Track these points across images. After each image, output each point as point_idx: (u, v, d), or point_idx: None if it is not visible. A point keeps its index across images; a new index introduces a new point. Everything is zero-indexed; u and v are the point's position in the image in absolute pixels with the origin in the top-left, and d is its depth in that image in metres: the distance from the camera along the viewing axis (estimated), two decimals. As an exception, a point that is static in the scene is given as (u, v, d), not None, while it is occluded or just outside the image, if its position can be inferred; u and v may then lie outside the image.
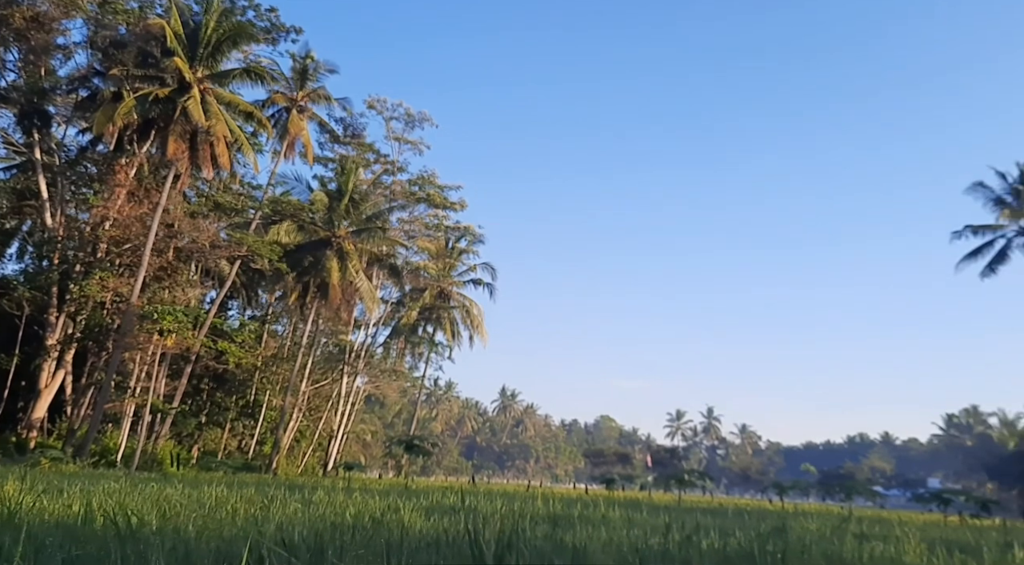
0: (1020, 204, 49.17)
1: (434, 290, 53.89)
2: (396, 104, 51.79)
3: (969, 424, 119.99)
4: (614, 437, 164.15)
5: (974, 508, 24.96)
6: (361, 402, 55.71)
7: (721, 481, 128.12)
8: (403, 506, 11.25)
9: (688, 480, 33.65)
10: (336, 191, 43.58)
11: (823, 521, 14.47)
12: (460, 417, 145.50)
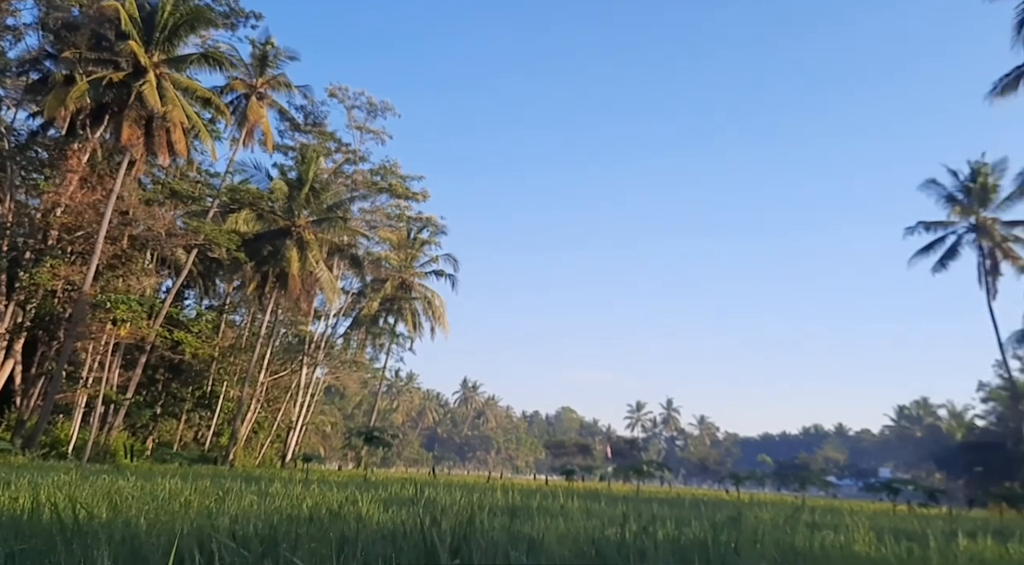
0: (970, 201, 50.41)
1: (396, 281, 53.56)
2: (358, 93, 51.34)
3: (919, 416, 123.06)
4: (575, 428, 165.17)
5: (922, 497, 25.62)
6: (321, 393, 55.27)
7: (680, 471, 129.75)
8: (361, 498, 11.18)
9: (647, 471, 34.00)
10: (296, 180, 43.05)
11: (777, 511, 14.71)
12: (421, 408, 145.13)
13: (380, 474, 37.98)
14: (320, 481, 19.33)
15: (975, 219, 50.34)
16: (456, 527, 6.71)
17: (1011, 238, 49.52)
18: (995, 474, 52.07)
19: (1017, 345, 49.73)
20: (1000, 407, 68.86)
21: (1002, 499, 24.21)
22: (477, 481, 31.90)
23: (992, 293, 49.41)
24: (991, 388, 73.19)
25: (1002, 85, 26.14)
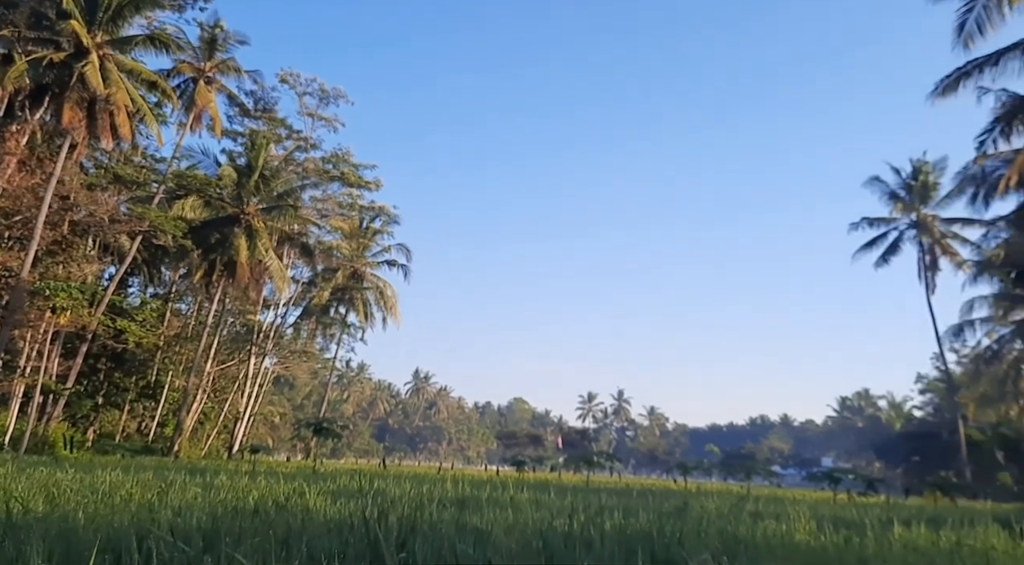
0: (912, 199, 51.86)
1: (347, 270, 53.03)
2: (310, 79, 50.57)
3: (861, 407, 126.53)
4: (527, 419, 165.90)
5: (862, 486, 26.36)
6: (269, 383, 54.55)
7: (629, 462, 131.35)
8: (309, 490, 11.08)
9: (597, 461, 34.34)
10: (245, 166, 42.27)
11: (723, 500, 15.00)
12: (372, 399, 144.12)
13: (329, 465, 37.68)
14: (267, 473, 19.10)
15: (916, 216, 51.81)
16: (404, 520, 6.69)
17: (949, 235, 51.09)
18: (931, 463, 53.90)
19: (953, 338, 51.31)
20: (937, 398, 71.21)
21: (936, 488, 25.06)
22: (428, 472, 31.87)
23: (931, 288, 50.95)
24: (929, 380, 75.67)
25: (943, 86, 26.85)
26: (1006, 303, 42.85)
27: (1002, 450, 52.16)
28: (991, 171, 34.85)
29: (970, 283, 43.39)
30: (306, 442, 59.20)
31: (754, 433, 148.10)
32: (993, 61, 25.77)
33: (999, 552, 7.05)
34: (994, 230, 39.96)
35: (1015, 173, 27.73)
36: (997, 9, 23.67)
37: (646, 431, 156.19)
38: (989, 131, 28.44)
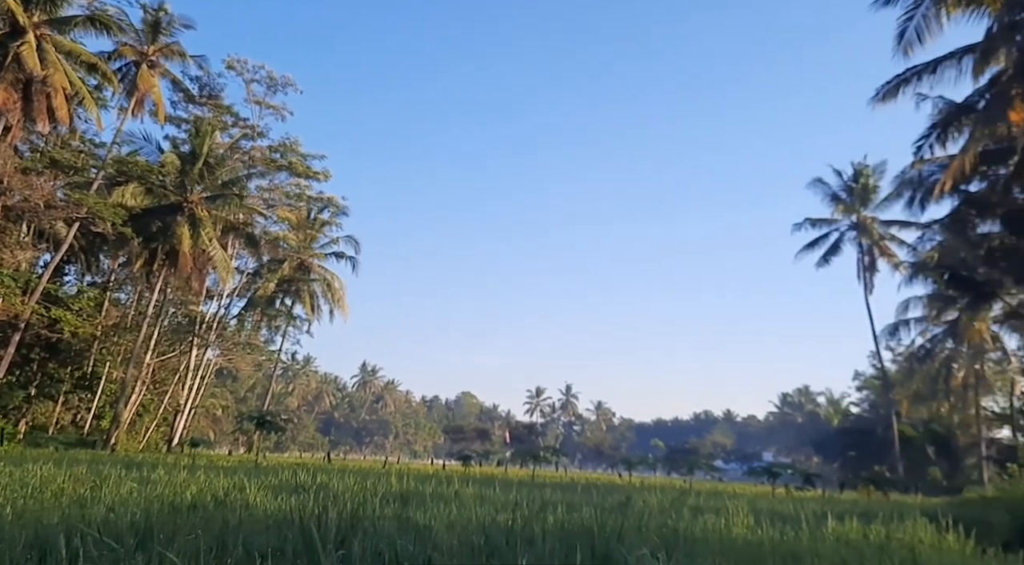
0: (852, 201, 53.24)
1: (294, 262, 52.25)
2: (258, 66, 49.59)
3: (801, 403, 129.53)
4: (475, 413, 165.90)
5: (800, 481, 27.03)
6: (212, 375, 53.48)
7: (576, 456, 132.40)
8: (250, 485, 10.92)
9: (543, 456, 34.51)
10: (189, 154, 41.28)
11: (665, 495, 15.21)
12: (318, 392, 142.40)
13: (272, 459, 37.15)
14: (208, 467, 18.75)
15: (856, 218, 53.21)
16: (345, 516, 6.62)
17: (887, 236, 52.62)
18: (866, 458, 55.48)
19: (889, 337, 52.91)
20: (873, 395, 73.28)
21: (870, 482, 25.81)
22: (373, 466, 31.65)
23: (869, 288, 52.41)
24: (866, 377, 77.82)
25: (883, 92, 27.56)
26: (939, 304, 44.30)
27: (933, 446, 54.03)
28: (927, 176, 35.91)
29: (906, 284, 44.72)
30: (249, 435, 58.29)
31: (698, 428, 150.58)
32: (931, 69, 26.53)
33: (925, 545, 7.30)
34: (929, 233, 41.19)
35: (949, 178, 28.60)
36: (935, 19, 24.38)
37: (593, 426, 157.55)
38: (926, 137, 29.29)
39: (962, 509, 13.68)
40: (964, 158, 27.05)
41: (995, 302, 36.46)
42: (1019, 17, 22.06)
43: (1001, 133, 26.97)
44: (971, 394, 51.04)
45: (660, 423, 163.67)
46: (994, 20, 23.51)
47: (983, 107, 26.09)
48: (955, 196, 33.08)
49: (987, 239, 33.10)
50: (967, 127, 27.84)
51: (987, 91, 26.07)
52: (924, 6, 24.24)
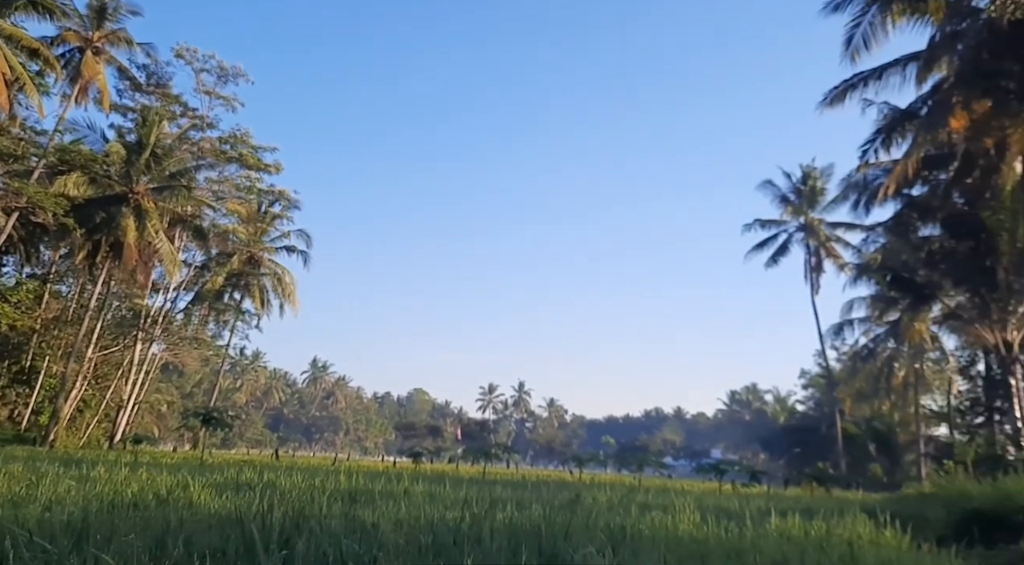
0: (801, 202, 54.38)
1: (243, 255, 51.36)
2: (208, 55, 48.53)
3: (749, 400, 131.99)
4: (427, 410, 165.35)
5: (746, 477, 27.52)
6: (156, 371, 52.31)
7: (528, 453, 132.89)
8: (194, 483, 10.68)
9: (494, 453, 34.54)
10: (136, 144, 40.26)
11: (614, 492, 15.33)
12: (267, 388, 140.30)
13: (219, 456, 36.52)
14: (151, 464, 18.35)
15: (804, 219, 54.36)
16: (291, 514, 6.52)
17: (834, 238, 53.88)
18: (811, 455, 56.76)
19: (834, 337, 54.22)
20: (818, 393, 75.01)
21: (813, 479, 26.42)
22: (322, 463, 31.30)
23: (816, 288, 53.63)
24: (811, 376, 79.60)
25: (831, 97, 28.17)
26: (882, 304, 45.48)
27: (874, 443, 55.54)
28: (872, 179, 36.87)
29: (850, 285, 45.87)
30: (194, 432, 57.13)
31: (649, 425, 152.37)
32: (877, 75, 27.20)
33: (864, 541, 7.48)
34: (873, 235, 42.33)
35: (893, 182, 29.36)
36: (882, 26, 25.01)
37: (545, 423, 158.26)
38: (871, 141, 30.04)
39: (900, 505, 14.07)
40: (907, 163, 27.78)
41: (935, 303, 37.59)
42: (960, 27, 22.72)
43: (942, 139, 27.81)
44: (911, 393, 52.60)
45: (612, 420, 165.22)
46: (937, 29, 24.19)
47: (926, 114, 26.84)
48: (898, 200, 34.04)
49: (928, 242, 34.12)
50: (910, 133, 28.64)
51: (930, 98, 26.83)
52: (871, 14, 24.84)
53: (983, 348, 34.09)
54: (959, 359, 41.00)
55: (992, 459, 26.60)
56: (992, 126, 24.73)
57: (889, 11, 24.94)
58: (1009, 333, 31.50)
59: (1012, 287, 31.55)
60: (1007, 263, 31.38)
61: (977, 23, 21.56)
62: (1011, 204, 30.50)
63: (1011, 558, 8.62)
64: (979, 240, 31.30)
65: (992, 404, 33.67)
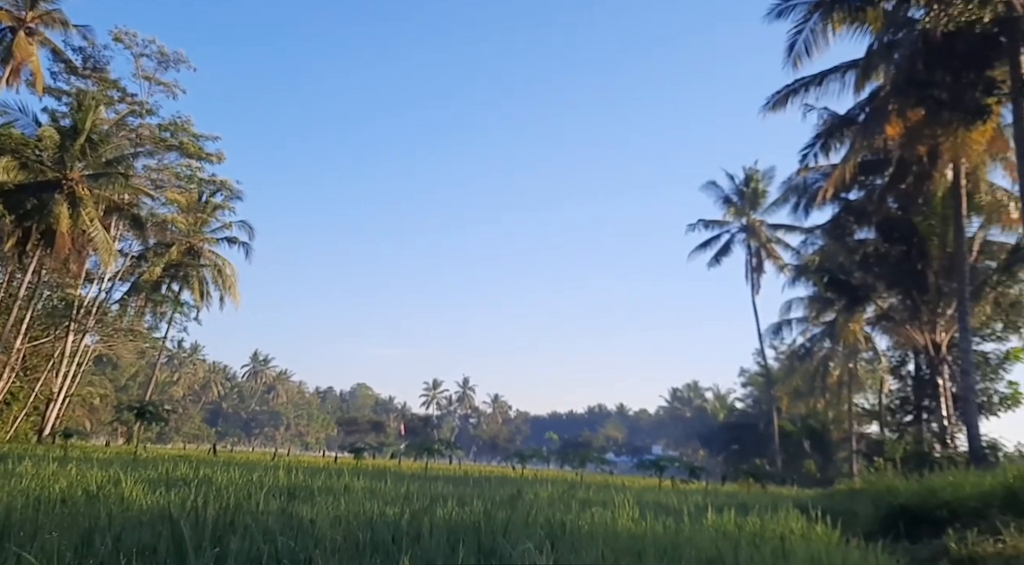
0: (743, 204, 55.51)
1: (183, 246, 50.13)
2: (148, 40, 47.08)
3: (690, 398, 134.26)
4: (370, 405, 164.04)
5: (685, 473, 28.00)
6: (89, 363, 50.76)
7: (471, 448, 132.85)
8: (126, 478, 10.41)
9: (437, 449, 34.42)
10: (71, 129, 38.91)
11: (556, 487, 15.43)
12: (205, 381, 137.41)
13: (154, 451, 35.63)
14: (81, 459, 17.80)
15: (746, 220, 55.52)
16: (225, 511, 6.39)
17: (774, 239, 55.17)
18: (748, 452, 58.06)
19: (773, 336, 55.53)
20: (756, 391, 76.68)
21: (750, 475, 26.98)
22: (262, 459, 30.80)
23: (756, 288, 54.88)
24: (750, 374, 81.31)
25: (774, 101, 28.78)
26: (818, 305, 46.72)
27: (809, 440, 57.03)
28: (812, 183, 37.85)
29: (789, 285, 47.05)
30: (128, 426, 55.65)
31: (592, 422, 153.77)
32: (817, 81, 27.91)
33: (795, 536, 7.67)
34: (812, 237, 43.45)
35: (831, 186, 30.18)
36: (823, 34, 25.67)
37: (489, 419, 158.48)
38: (811, 145, 30.82)
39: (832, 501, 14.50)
40: (845, 168, 28.58)
41: (868, 305, 38.75)
42: (897, 37, 23.43)
43: (879, 146, 28.67)
44: (845, 391, 54.18)
45: (555, 416, 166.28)
46: (875, 38, 24.92)
47: (863, 120, 27.63)
48: (836, 203, 35.02)
49: (863, 245, 35.16)
50: (848, 138, 29.46)
51: (867, 105, 27.62)
52: (813, 21, 25.45)
53: (913, 349, 35.27)
54: (890, 359, 42.35)
55: (919, 456, 27.58)
56: (925, 134, 25.61)
57: (830, 19, 25.59)
58: (938, 334, 32.69)
59: (941, 290, 32.74)
60: (937, 267, 32.57)
61: (913, 34, 22.27)
62: (942, 210, 31.69)
63: (934, 552, 8.94)
64: (911, 244, 32.41)
65: (920, 403, 34.87)
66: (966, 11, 19.66)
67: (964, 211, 27.23)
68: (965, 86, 22.26)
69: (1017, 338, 34.11)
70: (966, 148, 25.95)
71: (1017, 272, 31.31)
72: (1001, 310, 33.76)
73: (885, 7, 24.39)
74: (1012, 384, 34.27)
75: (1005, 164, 29.41)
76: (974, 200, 30.55)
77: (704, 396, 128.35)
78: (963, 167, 27.33)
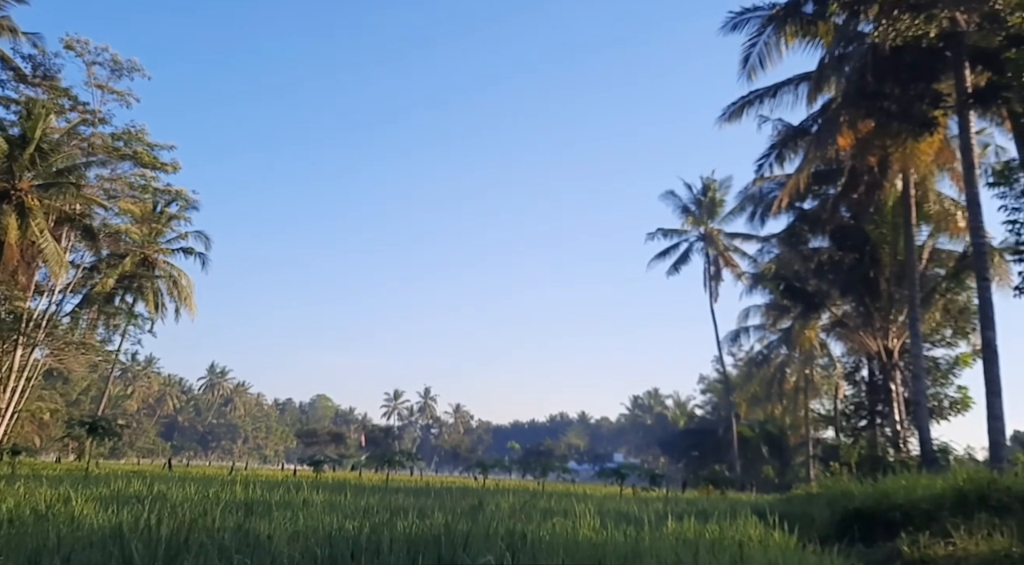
0: (701, 213, 56.24)
1: (137, 257, 49.14)
2: (101, 48, 46.08)
3: (651, 405, 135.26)
4: (330, 416, 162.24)
5: (646, 481, 28.16)
6: (39, 377, 49.40)
7: (433, 459, 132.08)
8: (77, 496, 10.15)
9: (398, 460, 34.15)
10: (19, 137, 37.96)
11: (517, 497, 15.40)
12: (160, 395, 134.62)
13: (106, 467, 34.82)
14: (30, 476, 17.33)
15: (704, 229, 56.24)
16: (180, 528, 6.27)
17: (732, 248, 55.96)
18: (708, 458, 58.60)
19: (731, 343, 56.33)
20: (715, 398, 77.58)
21: (709, 481, 27.25)
22: (218, 473, 30.27)
23: (714, 296, 55.59)
24: (710, 381, 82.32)
25: (729, 112, 29.25)
26: (775, 312, 47.48)
27: (767, 445, 57.84)
28: (767, 192, 38.55)
29: (747, 293, 47.75)
30: (80, 442, 54.26)
31: (554, 430, 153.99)
32: (772, 93, 28.46)
33: (753, 541, 7.77)
34: (768, 246, 44.21)
35: (786, 196, 30.78)
36: (776, 47, 26.17)
37: (451, 429, 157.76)
38: (766, 156, 31.37)
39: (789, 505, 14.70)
40: (799, 177, 29.17)
41: (823, 312, 39.49)
42: (847, 50, 24.01)
43: (831, 156, 29.30)
44: (801, 397, 55.05)
45: (517, 425, 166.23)
46: (826, 52, 25.48)
47: (816, 131, 28.21)
48: (791, 212, 35.69)
49: (817, 253, 35.85)
50: (802, 148, 30.06)
51: (820, 116, 28.22)
52: (766, 34, 25.93)
53: (867, 354, 35.99)
54: (845, 365, 43.14)
55: (873, 460, 28.14)
56: (875, 145, 26.25)
57: (783, 32, 26.10)
58: (890, 340, 33.42)
59: (893, 297, 33.51)
60: (889, 274, 33.35)
61: (862, 47, 22.84)
62: (892, 219, 32.48)
63: (888, 554, 9.13)
64: (864, 252, 33.13)
65: (874, 408, 35.57)
66: (913, 26, 20.20)
67: (914, 220, 27.94)
68: (913, 98, 22.85)
69: (966, 344, 34.96)
70: (915, 159, 26.67)
71: (965, 279, 32.15)
72: (950, 316, 34.63)
73: (836, 21, 24.95)
74: (961, 389, 35.11)
75: (952, 174, 30.25)
76: (923, 209, 31.38)
77: (665, 403, 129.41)
78: (912, 177, 28.07)
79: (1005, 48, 18.65)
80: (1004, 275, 31.11)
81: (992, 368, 19.88)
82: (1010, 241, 19.98)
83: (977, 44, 21.43)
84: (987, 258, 21.81)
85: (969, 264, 28.06)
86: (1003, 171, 17.79)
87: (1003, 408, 19.61)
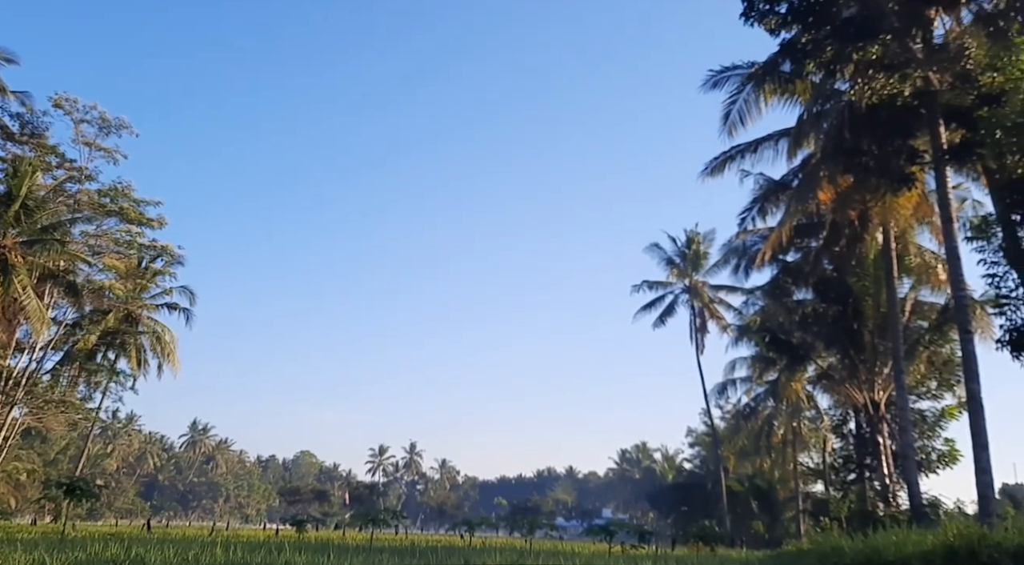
0: (685, 265, 56.63)
1: (120, 313, 48.73)
2: (89, 106, 46.54)
3: (639, 459, 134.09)
4: (313, 473, 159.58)
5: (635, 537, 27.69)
6: (16, 436, 48.47)
7: (419, 516, 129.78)
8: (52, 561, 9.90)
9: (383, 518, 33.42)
10: (5, 194, 37.92)
11: (504, 557, 15.14)
12: (141, 453, 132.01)
13: (84, 529, 33.94)
14: (4, 540, 16.88)
15: (689, 281, 56.57)
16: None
17: (717, 300, 56.22)
18: (697, 513, 57.81)
19: (718, 395, 56.15)
20: (704, 451, 76.98)
21: (699, 537, 26.82)
22: (199, 534, 29.60)
23: (701, 348, 55.59)
24: (697, 434, 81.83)
25: (712, 167, 29.77)
26: (761, 365, 47.46)
27: (756, 499, 57.21)
28: (751, 245, 38.92)
29: (733, 345, 47.82)
30: (57, 503, 52.96)
31: (541, 485, 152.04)
32: (752, 148, 29.02)
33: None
34: (752, 298, 44.47)
35: (769, 249, 31.14)
36: (755, 103, 26.78)
37: (437, 485, 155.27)
38: (749, 209, 31.84)
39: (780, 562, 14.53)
40: (781, 231, 29.56)
41: (809, 364, 39.53)
42: (825, 107, 24.58)
43: (812, 209, 29.77)
44: (789, 450, 54.75)
45: (504, 481, 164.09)
46: (805, 109, 26.12)
47: (796, 185, 28.72)
48: (774, 264, 36.01)
49: (801, 305, 36.04)
50: (783, 202, 30.54)
51: (800, 171, 28.76)
52: (746, 92, 26.54)
53: (853, 407, 35.92)
54: (832, 418, 42.99)
55: (863, 515, 27.83)
56: (855, 199, 26.72)
57: (762, 90, 26.73)
58: (876, 393, 33.43)
59: (877, 349, 33.63)
60: (872, 326, 33.52)
61: (839, 104, 23.39)
62: (874, 271, 32.83)
63: (880, 613, 8.99)
64: (847, 304, 33.35)
65: (863, 461, 35.34)
66: (888, 85, 20.75)
67: (895, 272, 28.25)
68: (890, 154, 23.32)
69: (951, 395, 35.01)
70: (894, 212, 27.13)
71: (948, 331, 32.36)
72: (935, 368, 34.74)
73: (813, 80, 25.59)
74: (949, 441, 35.02)
75: (931, 227, 30.74)
76: (904, 262, 31.76)
77: (653, 457, 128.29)
78: (892, 230, 28.48)
79: (977, 107, 19.12)
80: (986, 328, 31.36)
81: (978, 420, 19.88)
82: (991, 294, 20.18)
83: (950, 102, 21.97)
84: (969, 311, 21.99)
85: (951, 317, 28.26)
86: (981, 225, 18.11)
87: (991, 461, 19.56)
